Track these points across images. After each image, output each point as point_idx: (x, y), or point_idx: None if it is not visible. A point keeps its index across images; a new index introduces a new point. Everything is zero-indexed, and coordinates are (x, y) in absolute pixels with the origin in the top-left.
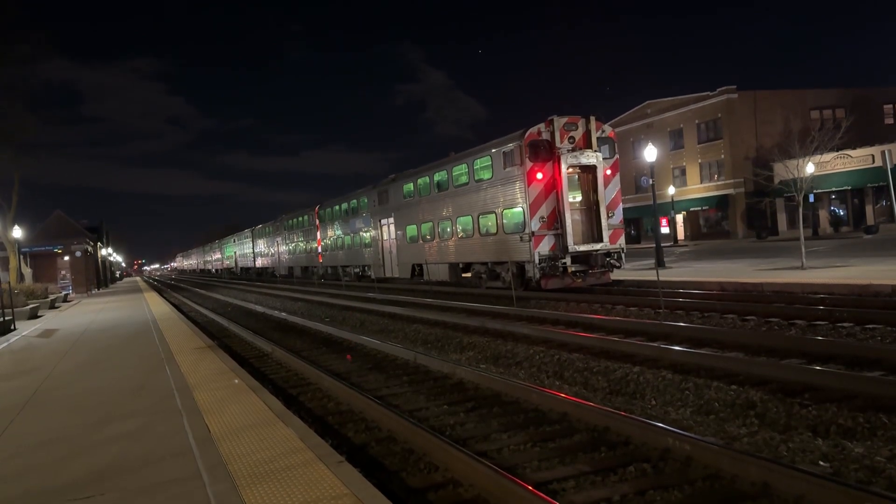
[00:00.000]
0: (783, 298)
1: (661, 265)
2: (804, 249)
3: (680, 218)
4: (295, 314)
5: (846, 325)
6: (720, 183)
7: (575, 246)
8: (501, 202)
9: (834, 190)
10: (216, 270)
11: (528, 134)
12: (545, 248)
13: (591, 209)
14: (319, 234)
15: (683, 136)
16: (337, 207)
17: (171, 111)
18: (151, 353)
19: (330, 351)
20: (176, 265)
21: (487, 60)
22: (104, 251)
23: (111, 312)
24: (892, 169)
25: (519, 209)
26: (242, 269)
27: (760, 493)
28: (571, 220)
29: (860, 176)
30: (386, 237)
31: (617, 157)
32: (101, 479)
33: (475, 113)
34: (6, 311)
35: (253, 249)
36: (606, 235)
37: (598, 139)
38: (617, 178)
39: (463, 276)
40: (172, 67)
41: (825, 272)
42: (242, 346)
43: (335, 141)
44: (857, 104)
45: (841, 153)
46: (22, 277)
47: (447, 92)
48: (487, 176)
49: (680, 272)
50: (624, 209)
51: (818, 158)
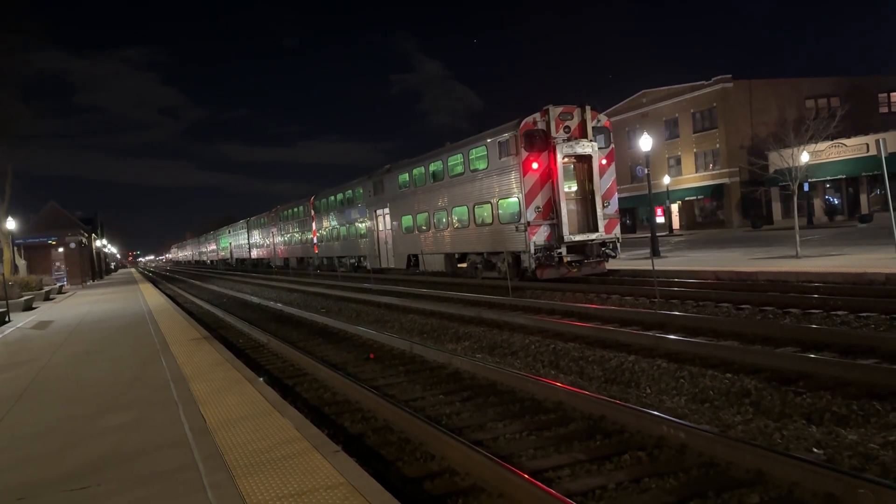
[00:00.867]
0: (778, 287)
1: (656, 254)
2: (799, 238)
3: (675, 207)
4: (290, 305)
5: (840, 313)
6: (715, 172)
7: (570, 236)
8: (497, 192)
9: (828, 179)
10: (211, 262)
11: (523, 123)
12: (541, 237)
13: (586, 199)
14: (315, 224)
15: (679, 125)
16: (332, 198)
17: (164, 101)
18: (147, 344)
19: (326, 341)
20: (171, 256)
21: (483, 50)
22: (99, 242)
23: (106, 304)
24: (886, 158)
25: (514, 199)
26: (238, 260)
27: (755, 480)
28: (567, 209)
29: (855, 165)
30: (381, 228)
31: (612, 146)
32: (97, 469)
33: (471, 103)
34: (1, 302)
35: (248, 240)
36: (602, 225)
37: (593, 129)
38: (612, 167)
39: (459, 266)
40: (164, 57)
41: (820, 261)
42: (238, 336)
43: (330, 131)
44: (851, 93)
45: (835, 142)
46: (16, 269)
47: (443, 81)
48: (483, 166)
49: (675, 261)
50: (619, 199)
51: (813, 147)
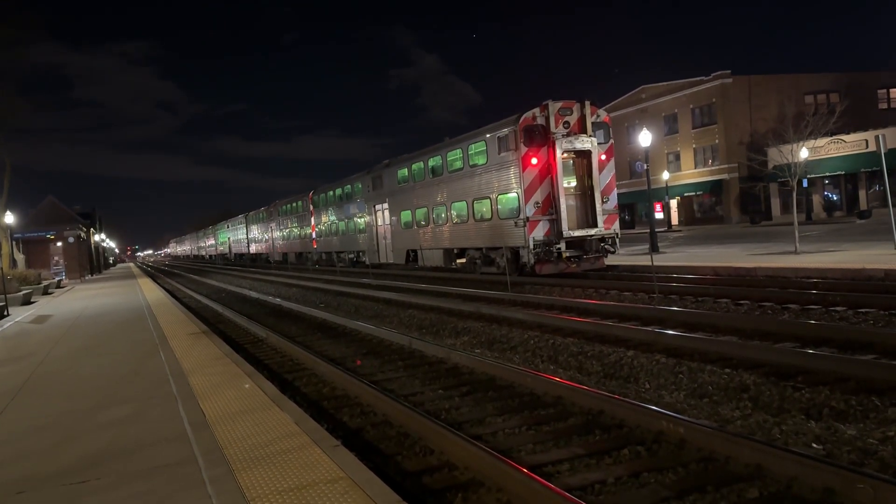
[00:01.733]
0: (777, 283)
1: (655, 250)
2: (798, 234)
3: (674, 203)
4: (289, 300)
5: (839, 309)
6: (714, 168)
7: (569, 231)
8: (496, 187)
9: (828, 175)
10: (210, 256)
11: (522, 119)
12: (540, 233)
13: (585, 194)
14: (314, 219)
15: (678, 120)
16: (331, 193)
17: (161, 96)
18: (145, 338)
19: (325, 336)
20: (169, 251)
21: (482, 45)
22: (97, 237)
23: (105, 298)
24: (885, 154)
25: (514, 194)
26: (236, 254)
27: (754, 474)
28: (566, 205)
29: (854, 161)
30: (380, 223)
31: (612, 142)
32: (96, 463)
33: (469, 98)
34: None
35: (247, 235)
36: (601, 221)
37: (592, 124)
38: (612, 163)
39: (457, 261)
40: (162, 51)
41: (818, 257)
42: (237, 331)
43: (328, 126)
44: (851, 89)
45: (835, 138)
46: (14, 263)
47: (441, 76)
48: (482, 161)
49: (674, 257)
50: (618, 194)
51: (812, 143)
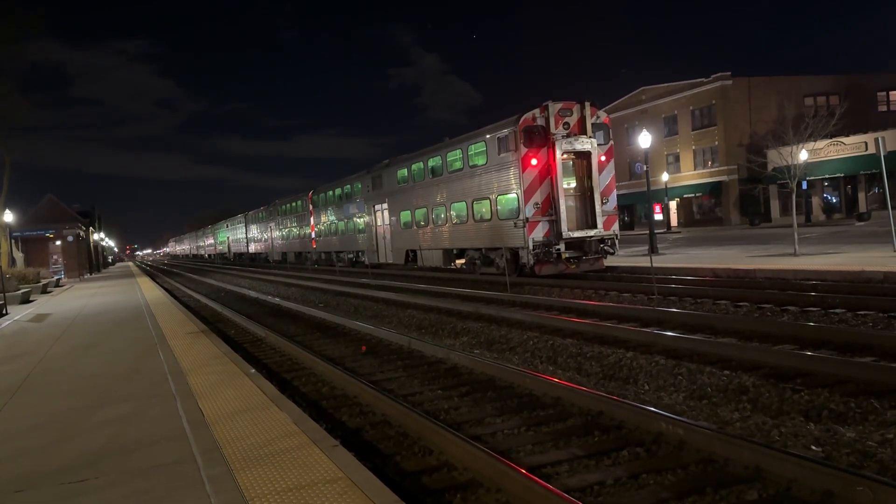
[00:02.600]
0: (776, 285)
1: (654, 251)
2: (797, 236)
3: (673, 204)
4: (289, 299)
5: (838, 311)
6: (714, 169)
7: (569, 232)
8: (496, 188)
9: (827, 177)
10: (209, 255)
11: (522, 119)
12: (539, 234)
13: (585, 195)
14: (313, 219)
15: (678, 122)
16: (331, 193)
17: (160, 94)
18: (144, 337)
19: (324, 336)
20: (168, 250)
21: (482, 45)
22: (96, 236)
23: (104, 297)
24: (885, 156)
25: (513, 195)
26: (236, 254)
27: (753, 476)
28: (565, 206)
29: (853, 163)
30: (380, 223)
31: (611, 143)
32: (95, 462)
33: (469, 98)
34: None
35: (246, 234)
36: (600, 222)
37: (592, 125)
38: (611, 164)
39: (457, 262)
40: (160, 49)
41: (818, 259)
42: (236, 330)
43: (328, 125)
44: (850, 91)
45: (834, 140)
46: (14, 262)
47: (441, 76)
48: (482, 161)
49: (673, 258)
50: (618, 195)
51: (811, 145)
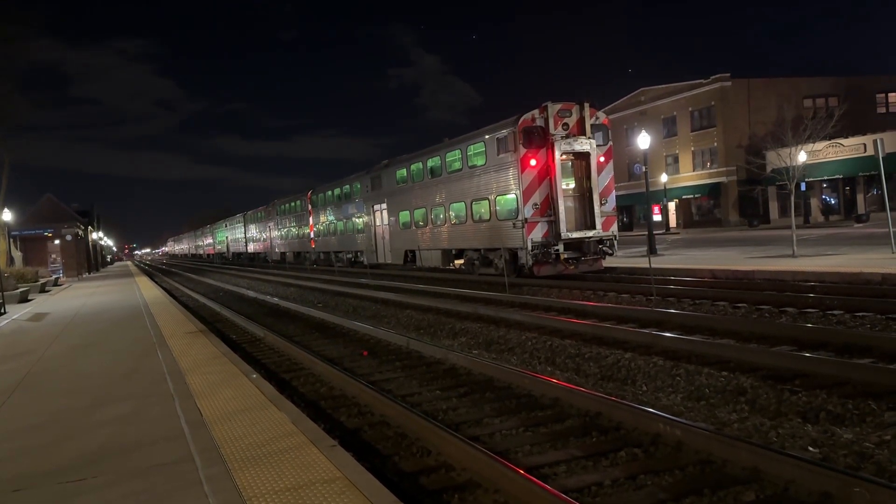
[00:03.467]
0: (774, 286)
1: (653, 252)
2: (795, 237)
3: (672, 205)
4: (287, 299)
5: (837, 312)
6: (713, 171)
7: (568, 233)
8: (495, 188)
9: (826, 179)
10: (208, 255)
11: (521, 120)
12: (538, 234)
13: (584, 196)
14: (312, 219)
15: (677, 123)
16: (330, 193)
17: (159, 94)
18: (143, 337)
19: (322, 336)
20: (167, 250)
21: (481, 45)
22: (95, 235)
23: (102, 296)
24: (883, 158)
25: (512, 196)
26: (234, 254)
27: (751, 477)
28: (564, 207)
29: (852, 165)
30: (379, 223)
31: (611, 144)
32: (93, 461)
33: (469, 98)
34: None
35: (245, 234)
36: (599, 223)
37: (591, 126)
38: (610, 165)
39: (455, 262)
40: (160, 49)
41: (816, 260)
42: (235, 330)
43: (327, 125)
44: (849, 93)
45: (833, 142)
46: (12, 261)
47: (441, 76)
48: (481, 162)
49: (672, 259)
50: (617, 196)
51: (810, 147)
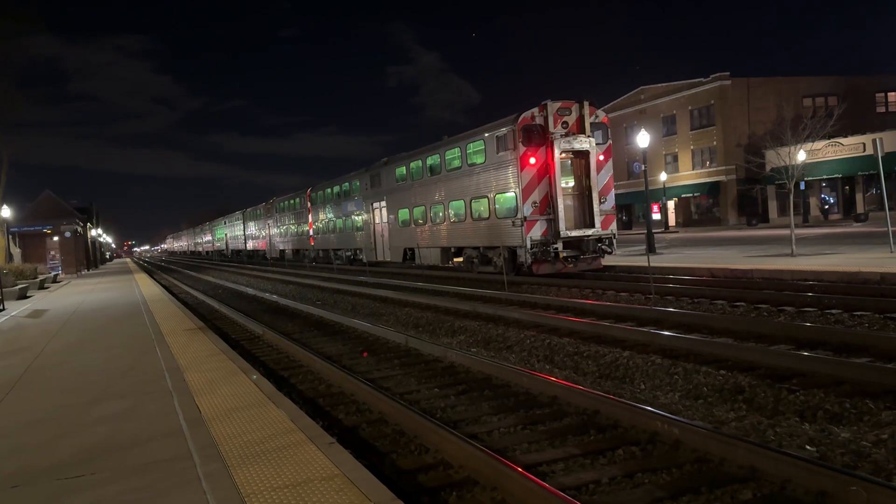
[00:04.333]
0: (773, 285)
1: (651, 251)
2: (794, 237)
3: (671, 204)
4: (286, 297)
5: (835, 311)
6: (712, 170)
7: (567, 231)
8: (494, 187)
9: (825, 178)
10: (207, 252)
11: (521, 118)
12: (537, 233)
13: (583, 195)
14: (311, 217)
15: (676, 122)
16: (329, 190)
17: (158, 90)
18: (142, 334)
19: (321, 333)
20: (166, 247)
21: (481, 43)
22: (94, 232)
23: (101, 293)
24: (882, 157)
25: (511, 194)
26: (233, 251)
27: (748, 476)
28: (564, 205)
29: (851, 164)
30: (378, 221)
31: (610, 142)
32: (91, 458)
33: (468, 96)
34: None
35: (244, 232)
36: (598, 221)
37: (591, 124)
38: (609, 163)
39: (454, 260)
40: (158, 45)
41: (815, 259)
42: (233, 328)
43: (327, 123)
44: (849, 92)
45: (832, 141)
46: (11, 257)
47: (440, 74)
48: (480, 160)
49: (671, 258)
50: (616, 195)
51: (809, 146)
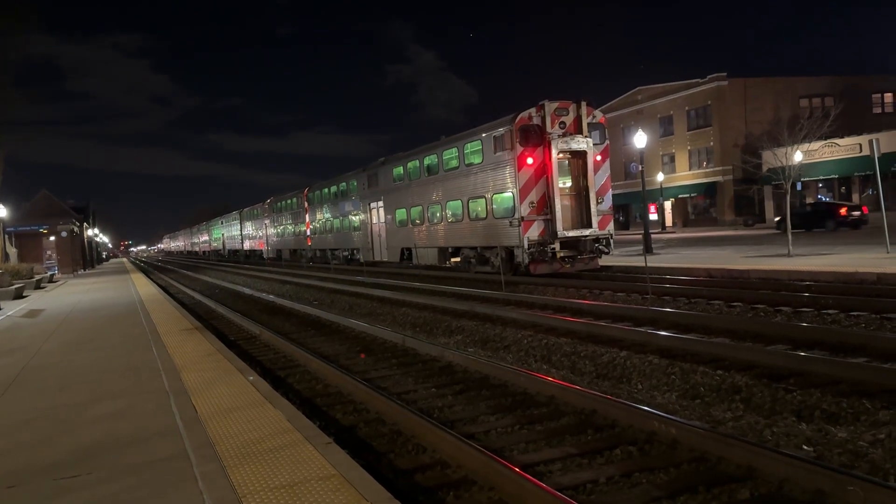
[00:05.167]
0: (769, 285)
1: (648, 251)
2: (791, 237)
3: (668, 205)
4: (283, 297)
5: (831, 311)
6: (709, 170)
7: (564, 231)
8: (491, 187)
9: (821, 178)
10: (204, 252)
11: (518, 118)
12: (534, 233)
13: (580, 195)
14: (308, 216)
15: (673, 122)
16: (326, 190)
17: (155, 89)
18: (138, 333)
19: (318, 333)
20: (163, 247)
21: (478, 43)
22: (90, 231)
23: (98, 293)
24: (879, 158)
25: (509, 194)
26: (230, 251)
27: (745, 475)
28: (561, 205)
29: (847, 164)
30: (375, 221)
31: (607, 142)
32: (87, 458)
33: (466, 96)
34: None
35: (241, 231)
36: (595, 221)
37: (588, 125)
38: (607, 164)
39: (452, 260)
40: (155, 44)
41: (811, 259)
42: (230, 327)
43: (324, 122)
44: (845, 93)
45: (829, 142)
46: (7, 257)
47: (438, 73)
48: (478, 160)
49: (668, 258)
50: (613, 195)
51: (806, 147)
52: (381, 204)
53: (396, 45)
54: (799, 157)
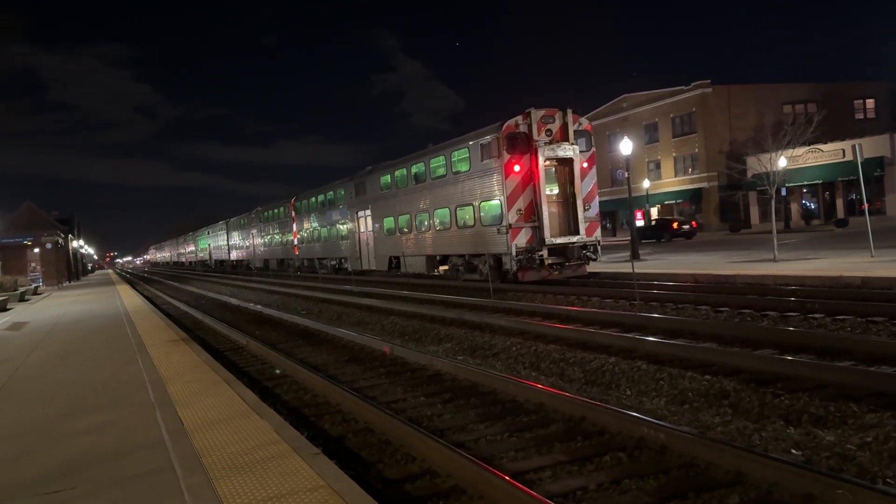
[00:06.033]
0: (756, 290)
1: (636, 257)
2: (776, 242)
3: (654, 211)
4: (270, 307)
5: (817, 316)
6: (694, 176)
7: (552, 238)
8: (479, 194)
9: (805, 184)
10: (190, 263)
11: (505, 126)
12: (522, 240)
13: (567, 202)
14: (295, 226)
15: (658, 129)
16: (313, 199)
17: (139, 99)
18: (124, 345)
19: (306, 343)
20: (149, 258)
21: (464, 51)
22: (75, 243)
23: (83, 305)
24: (862, 163)
25: (496, 201)
26: (217, 261)
27: (735, 480)
28: (548, 212)
29: (831, 170)
30: (363, 229)
31: (594, 150)
32: (71, 472)
33: (453, 104)
34: None
35: (228, 242)
36: (583, 228)
37: (575, 132)
38: (593, 171)
39: (440, 268)
40: (138, 53)
41: (797, 264)
42: (217, 338)
43: (310, 132)
44: (828, 99)
45: (812, 147)
46: None
47: (424, 82)
48: (465, 168)
49: (654, 264)
50: (600, 202)
51: (790, 152)
52: (368, 213)
53: (383, 53)
54: (783, 162)
